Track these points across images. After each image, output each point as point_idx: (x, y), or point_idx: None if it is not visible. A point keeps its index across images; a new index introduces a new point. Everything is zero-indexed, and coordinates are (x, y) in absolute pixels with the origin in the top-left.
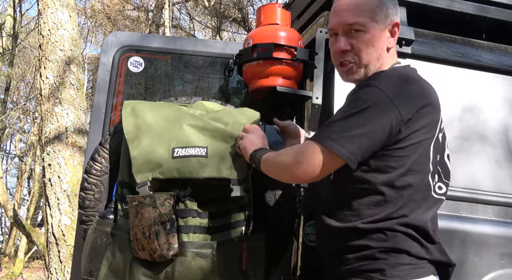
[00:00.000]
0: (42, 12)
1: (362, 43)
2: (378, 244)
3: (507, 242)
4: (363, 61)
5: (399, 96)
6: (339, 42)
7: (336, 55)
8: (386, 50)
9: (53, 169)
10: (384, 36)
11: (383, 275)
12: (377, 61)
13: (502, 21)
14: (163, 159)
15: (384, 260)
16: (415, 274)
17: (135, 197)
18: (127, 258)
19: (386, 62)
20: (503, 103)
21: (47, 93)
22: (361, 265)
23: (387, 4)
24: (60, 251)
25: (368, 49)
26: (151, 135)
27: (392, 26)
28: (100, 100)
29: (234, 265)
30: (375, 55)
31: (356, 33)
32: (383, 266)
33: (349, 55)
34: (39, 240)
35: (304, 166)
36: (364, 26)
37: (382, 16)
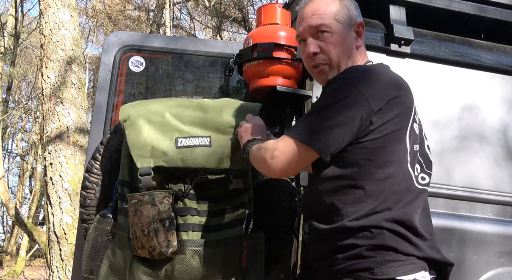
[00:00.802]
0: (43, 12)
1: (330, 44)
2: (365, 242)
3: (506, 240)
4: (334, 61)
5: (368, 88)
6: (308, 46)
7: (308, 59)
8: (356, 49)
9: (54, 168)
10: (350, 36)
11: (371, 274)
12: (348, 60)
13: (500, 21)
14: (167, 148)
15: (372, 258)
16: (404, 271)
17: (134, 195)
18: (127, 257)
19: (357, 60)
20: (502, 102)
21: (48, 93)
22: (349, 264)
23: (348, 7)
24: (62, 249)
25: (336, 49)
26: (153, 122)
27: (357, 26)
28: (101, 100)
29: (234, 263)
30: (344, 54)
31: (323, 35)
32: (371, 265)
33: (319, 57)
34: (40, 238)
35: (279, 161)
36: (329, 27)
37: (346, 17)
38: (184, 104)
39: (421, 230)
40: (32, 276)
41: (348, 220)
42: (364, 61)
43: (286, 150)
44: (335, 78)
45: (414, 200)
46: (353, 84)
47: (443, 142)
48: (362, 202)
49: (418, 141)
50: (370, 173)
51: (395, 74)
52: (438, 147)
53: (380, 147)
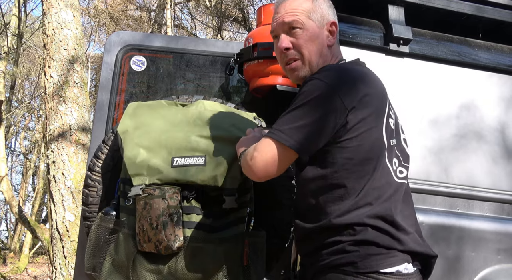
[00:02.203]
0: (46, 12)
1: (301, 40)
2: (348, 238)
3: (503, 237)
4: (305, 57)
5: (341, 86)
6: (281, 42)
7: (281, 55)
8: (328, 48)
9: (57, 166)
10: (322, 34)
11: (355, 268)
12: (319, 58)
13: (498, 21)
14: (162, 166)
15: (355, 252)
16: (387, 263)
17: (144, 189)
18: (130, 254)
19: (328, 59)
20: (499, 101)
21: (51, 92)
22: (334, 260)
23: (321, 5)
24: (64, 246)
25: (308, 45)
26: (151, 139)
27: (330, 25)
28: (103, 99)
29: (236, 260)
30: (315, 51)
31: (295, 31)
32: (355, 259)
33: (291, 52)
34: (43, 235)
35: (258, 162)
36: (302, 24)
37: (318, 15)
38: (183, 120)
39: (402, 224)
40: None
41: (332, 218)
42: (338, 59)
43: (265, 150)
44: (309, 78)
45: (394, 194)
46: (327, 83)
47: (441, 141)
48: (344, 200)
49: (394, 135)
50: (350, 171)
51: (368, 70)
52: (436, 146)
53: (358, 145)
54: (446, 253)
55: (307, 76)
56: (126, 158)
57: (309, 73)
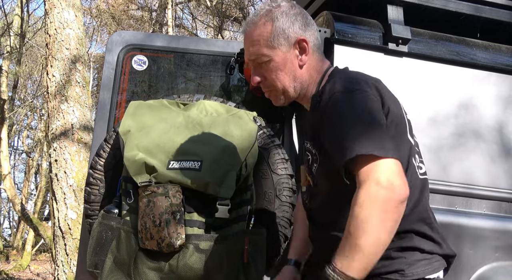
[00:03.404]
0: (48, 12)
1: (270, 72)
2: (393, 244)
3: (501, 235)
4: (278, 88)
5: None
6: (252, 77)
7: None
8: (300, 68)
9: (59, 165)
10: (290, 57)
11: (402, 275)
12: (294, 82)
13: (496, 21)
14: (158, 167)
15: (401, 259)
16: (432, 269)
17: (148, 187)
18: (132, 251)
19: (305, 79)
20: (497, 100)
21: (53, 91)
22: (378, 268)
23: (282, 27)
24: (67, 244)
25: (277, 75)
26: (149, 141)
27: (298, 43)
28: (105, 98)
29: (236, 258)
30: (287, 78)
31: (262, 64)
32: (402, 266)
33: (265, 84)
34: (46, 233)
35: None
36: (266, 56)
37: (281, 39)
38: (182, 124)
39: (436, 225)
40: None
41: None
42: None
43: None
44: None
45: (424, 192)
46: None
47: (440, 139)
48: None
49: (412, 131)
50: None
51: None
52: (435, 144)
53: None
54: None
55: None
56: (125, 158)
57: (289, 98)
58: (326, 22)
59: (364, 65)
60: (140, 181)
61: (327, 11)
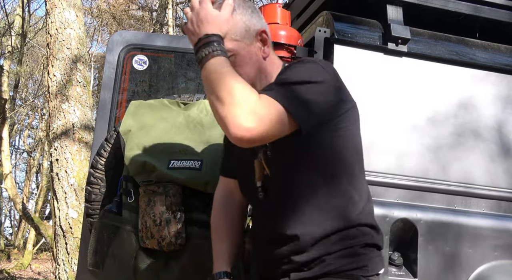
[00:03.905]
0: (49, 12)
1: (238, 67)
2: (359, 240)
3: (500, 234)
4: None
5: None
6: None
7: None
8: (264, 60)
9: (60, 164)
10: (253, 49)
11: (365, 271)
12: (260, 74)
13: (495, 21)
14: (158, 166)
15: (365, 255)
16: (381, 264)
17: (148, 186)
18: (132, 250)
19: (268, 72)
20: (496, 100)
21: (54, 90)
22: (342, 265)
23: (243, 17)
24: (67, 243)
25: (244, 69)
26: (150, 140)
27: (260, 35)
28: (106, 97)
29: (237, 257)
30: (253, 71)
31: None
32: (365, 262)
33: None
34: (47, 232)
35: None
36: (230, 51)
37: (243, 31)
38: (183, 123)
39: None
40: (38, 269)
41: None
42: (280, 66)
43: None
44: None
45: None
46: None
47: (439, 139)
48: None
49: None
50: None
51: None
52: (434, 144)
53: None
54: (443, 250)
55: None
56: (126, 158)
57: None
58: (326, 22)
59: (363, 65)
60: (141, 180)
61: (327, 11)
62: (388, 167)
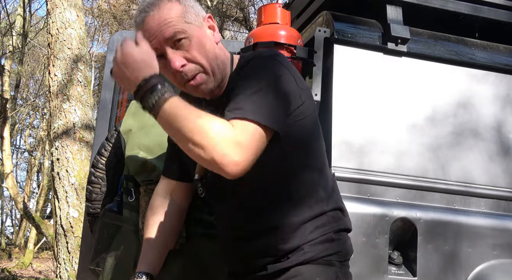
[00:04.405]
0: (50, 11)
1: (193, 50)
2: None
3: (499, 233)
4: (206, 66)
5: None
6: (172, 61)
7: (176, 75)
8: (217, 45)
9: (61, 163)
10: (205, 33)
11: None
12: (217, 60)
13: (494, 21)
14: (159, 166)
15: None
16: (352, 248)
17: (149, 186)
18: (133, 249)
19: (223, 58)
20: (495, 99)
21: (55, 90)
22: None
23: (189, 3)
24: (68, 242)
25: (201, 52)
26: (150, 140)
27: (207, 21)
28: (107, 97)
29: None
30: (211, 55)
31: (181, 43)
32: (339, 248)
33: (189, 68)
34: (48, 231)
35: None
36: (184, 32)
37: (193, 15)
38: None
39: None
40: (39, 268)
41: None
42: (227, 54)
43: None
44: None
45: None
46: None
47: (438, 138)
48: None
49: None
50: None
51: None
52: (433, 143)
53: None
54: (443, 249)
55: (215, 87)
56: (126, 157)
57: (216, 82)
58: (326, 22)
59: (363, 65)
60: (141, 179)
61: (326, 11)
62: (388, 166)
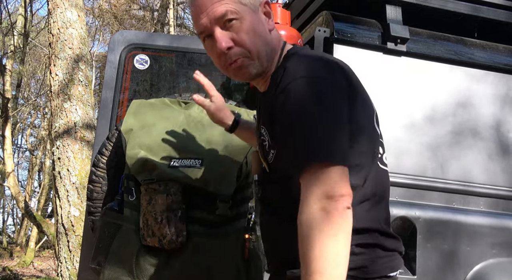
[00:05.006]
0: (52, 11)
1: (243, 33)
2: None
3: (498, 232)
4: (252, 52)
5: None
6: (219, 42)
7: (221, 57)
8: (269, 33)
9: (62, 163)
10: (260, 18)
11: (365, 273)
12: (266, 47)
13: (493, 21)
14: (159, 165)
15: (364, 255)
16: (392, 266)
17: (150, 185)
18: (134, 248)
19: (275, 46)
20: (494, 98)
21: (56, 90)
22: None
23: None
24: (69, 241)
25: (251, 36)
26: (151, 139)
27: (264, 6)
28: (107, 96)
29: (237, 254)
30: (261, 41)
31: (231, 24)
32: (365, 263)
33: (234, 52)
34: (49, 230)
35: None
36: (237, 13)
37: None
38: (184, 122)
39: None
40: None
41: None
42: (281, 43)
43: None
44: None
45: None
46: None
47: (438, 137)
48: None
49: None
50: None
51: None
52: (432, 142)
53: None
54: (442, 248)
55: (259, 72)
56: (127, 156)
57: (261, 68)
58: (326, 22)
59: (363, 64)
60: (142, 178)
61: (326, 11)
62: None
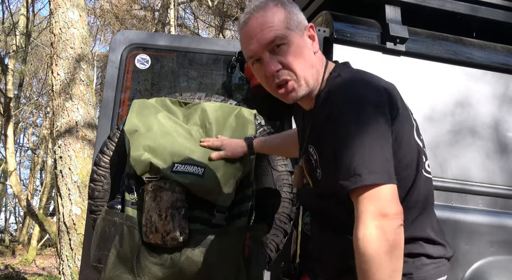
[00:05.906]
0: (53, 11)
1: (290, 57)
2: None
3: (496, 230)
4: (299, 75)
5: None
6: (268, 65)
7: (269, 79)
8: (314, 55)
9: (64, 161)
10: (306, 42)
11: (410, 279)
12: (312, 69)
13: (492, 20)
14: (163, 168)
15: (409, 262)
16: (439, 273)
17: (154, 183)
18: (135, 246)
19: (319, 68)
20: (492, 98)
21: (58, 89)
22: None
23: (293, 10)
24: (71, 239)
25: (298, 60)
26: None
27: (308, 30)
28: (109, 96)
29: (237, 253)
30: (307, 64)
31: (280, 48)
32: (410, 270)
33: (282, 73)
34: (51, 228)
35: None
36: (284, 38)
37: (295, 22)
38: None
39: (439, 225)
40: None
41: None
42: (324, 63)
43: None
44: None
45: (431, 194)
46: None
47: (437, 137)
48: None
49: (419, 132)
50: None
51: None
52: (432, 141)
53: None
54: None
55: (306, 94)
56: (131, 158)
57: (308, 89)
58: (325, 22)
59: (362, 64)
60: (147, 177)
61: (326, 10)
62: None
